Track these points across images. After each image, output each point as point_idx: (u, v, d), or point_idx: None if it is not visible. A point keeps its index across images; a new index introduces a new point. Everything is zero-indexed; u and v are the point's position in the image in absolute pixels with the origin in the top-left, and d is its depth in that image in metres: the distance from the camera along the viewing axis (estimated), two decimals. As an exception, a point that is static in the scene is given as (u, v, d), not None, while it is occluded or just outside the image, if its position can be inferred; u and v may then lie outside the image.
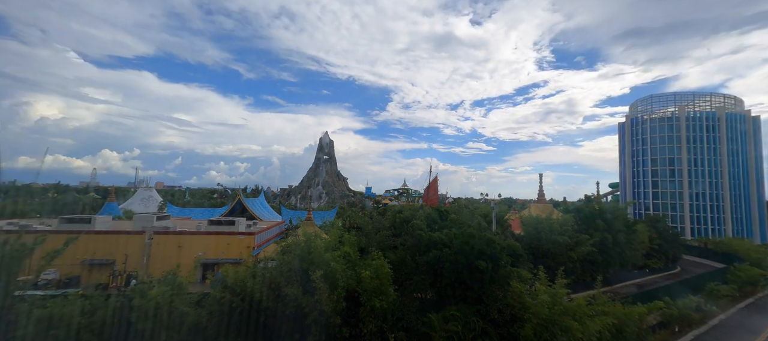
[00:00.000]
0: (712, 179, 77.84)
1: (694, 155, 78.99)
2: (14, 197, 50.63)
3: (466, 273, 17.53)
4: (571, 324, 15.04)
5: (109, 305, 13.63)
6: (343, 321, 15.37)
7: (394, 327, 16.02)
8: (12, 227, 27.49)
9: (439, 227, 24.18)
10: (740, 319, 26.19)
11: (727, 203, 76.56)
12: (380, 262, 16.88)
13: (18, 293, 12.62)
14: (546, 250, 30.72)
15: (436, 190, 60.39)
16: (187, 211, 65.20)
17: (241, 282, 15.60)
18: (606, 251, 31.95)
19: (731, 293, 29.96)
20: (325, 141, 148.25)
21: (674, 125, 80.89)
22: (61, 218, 33.11)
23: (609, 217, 34.86)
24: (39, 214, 50.54)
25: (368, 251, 20.21)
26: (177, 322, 13.67)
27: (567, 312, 15.74)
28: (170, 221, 39.55)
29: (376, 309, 15.49)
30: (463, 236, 18.49)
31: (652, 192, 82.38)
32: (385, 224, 28.67)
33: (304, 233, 19.02)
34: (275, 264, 17.32)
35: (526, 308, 16.91)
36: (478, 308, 17.12)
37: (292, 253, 17.41)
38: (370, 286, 15.96)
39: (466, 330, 15.98)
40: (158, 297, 13.52)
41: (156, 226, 34.18)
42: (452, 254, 18.06)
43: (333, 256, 16.68)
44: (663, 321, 22.96)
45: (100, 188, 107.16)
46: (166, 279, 14.79)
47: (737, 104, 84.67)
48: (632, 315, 18.08)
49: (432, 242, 19.34)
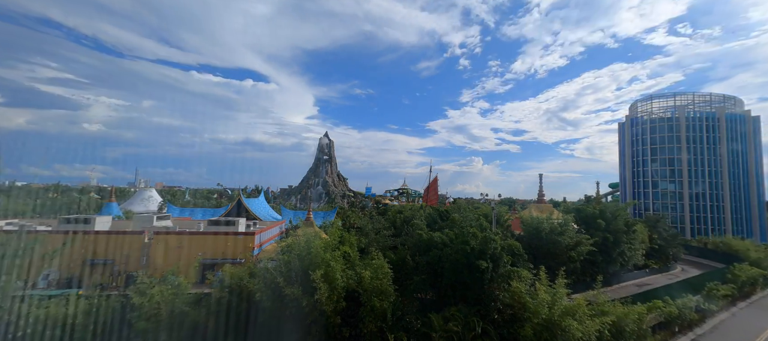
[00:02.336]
0: (712, 179, 77.84)
1: (694, 155, 79.01)
2: (14, 197, 50.61)
3: (466, 273, 17.53)
4: (570, 324, 15.05)
5: (109, 305, 13.63)
6: (343, 321, 15.37)
7: (394, 327, 16.02)
8: (12, 227, 27.51)
9: (439, 227, 24.19)
10: (740, 319, 26.18)
11: (727, 203, 76.57)
12: (380, 262, 16.89)
13: (18, 293, 12.62)
14: (546, 250, 30.71)
15: (436, 190, 60.41)
16: (187, 211, 65.15)
17: (242, 282, 15.60)
18: (606, 251, 31.95)
19: (731, 293, 29.96)
20: (325, 142, 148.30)
21: (674, 125, 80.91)
22: (61, 218, 33.07)
23: (609, 217, 34.88)
24: (39, 214, 50.54)
25: (368, 252, 20.21)
26: (177, 322, 13.67)
27: (567, 311, 15.75)
28: (170, 221, 39.54)
29: (376, 309, 15.49)
30: (463, 236, 18.49)
31: (652, 192, 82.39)
32: (385, 225, 28.69)
33: (304, 234, 19.04)
34: (275, 264, 17.32)
35: (525, 308, 16.92)
36: (478, 308, 17.13)
37: (292, 253, 17.42)
38: (370, 286, 15.97)
39: (466, 330, 15.99)
40: (158, 297, 13.53)
41: (156, 226, 34.16)
42: (452, 254, 18.06)
43: (333, 256, 16.68)
44: (663, 321, 22.94)
45: (99, 188, 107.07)
46: (167, 278, 14.79)
47: (737, 105, 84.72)
48: (632, 314, 18.10)
49: (432, 242, 19.34)
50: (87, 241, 30.00)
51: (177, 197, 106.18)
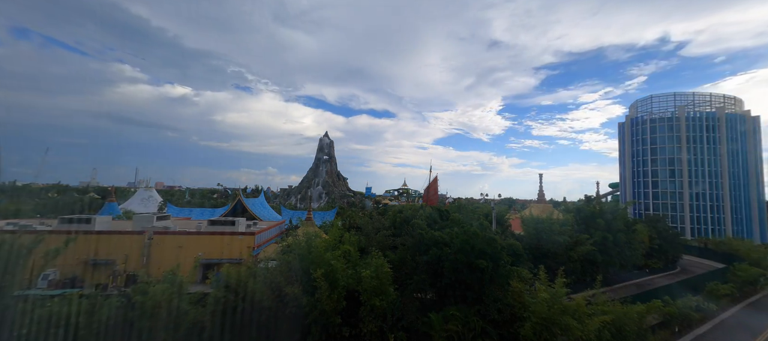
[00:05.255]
0: (712, 179, 77.84)
1: (694, 155, 79.00)
2: (14, 197, 50.67)
3: (466, 273, 17.53)
4: (570, 323, 15.06)
5: (109, 305, 13.64)
6: (343, 321, 15.37)
7: (394, 327, 16.04)
8: (12, 227, 27.51)
9: (439, 226, 24.18)
10: (740, 319, 26.19)
11: (727, 203, 76.57)
12: (380, 262, 16.88)
13: (18, 293, 12.63)
14: (546, 250, 30.72)
15: (436, 190, 60.34)
16: (186, 211, 65.26)
17: (242, 282, 15.61)
18: (606, 251, 31.96)
19: (731, 292, 29.96)
20: (325, 142, 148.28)
21: (674, 125, 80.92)
22: (61, 218, 33.09)
23: (609, 217, 34.90)
24: (39, 214, 50.60)
25: (368, 251, 20.21)
26: (177, 321, 13.68)
27: (566, 311, 15.76)
28: (170, 221, 39.54)
29: (376, 308, 15.50)
30: (464, 236, 18.49)
31: (652, 192, 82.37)
32: (385, 224, 28.68)
33: (304, 233, 19.05)
34: (275, 263, 17.33)
35: (525, 307, 16.93)
36: (478, 308, 17.13)
37: (293, 253, 17.43)
38: (370, 286, 15.97)
39: (466, 330, 16.00)
40: (158, 296, 13.54)
41: (156, 226, 34.16)
42: (453, 253, 18.06)
43: (333, 255, 16.69)
44: (663, 321, 22.95)
45: (100, 188, 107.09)
46: (167, 278, 14.81)
47: (737, 104, 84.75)
48: (632, 314, 18.10)
49: (432, 241, 19.33)
50: (87, 241, 30.04)
51: (177, 197, 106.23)
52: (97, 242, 30.84)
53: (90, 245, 30.25)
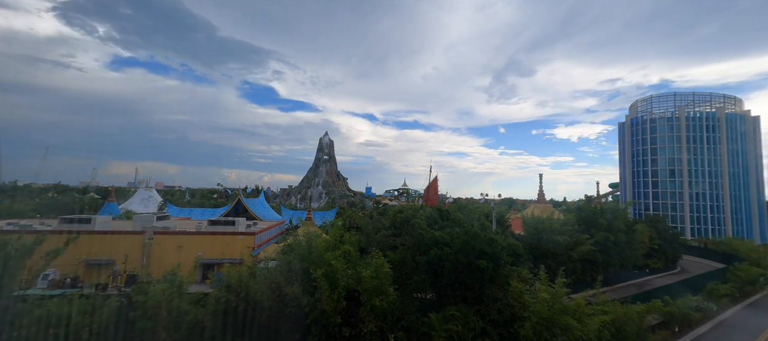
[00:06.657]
0: (712, 179, 77.86)
1: (694, 155, 79.02)
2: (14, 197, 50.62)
3: (466, 273, 17.53)
4: (570, 323, 15.06)
5: (109, 305, 13.63)
6: (343, 321, 15.36)
7: (394, 327, 16.02)
8: (12, 227, 27.51)
9: (439, 226, 24.16)
10: (740, 319, 26.18)
11: (727, 203, 76.58)
12: (380, 262, 16.87)
13: (18, 293, 12.62)
14: (546, 250, 30.72)
15: (436, 190, 60.31)
16: (186, 211, 65.29)
17: (242, 282, 15.59)
18: (606, 251, 31.96)
19: (731, 292, 29.96)
20: (325, 141, 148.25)
21: (674, 125, 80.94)
22: (61, 218, 33.11)
23: (609, 217, 34.88)
24: (39, 214, 50.60)
25: (368, 251, 20.19)
26: (177, 321, 13.67)
27: (566, 311, 15.75)
28: (170, 221, 39.56)
29: (376, 308, 15.48)
30: (465, 236, 18.47)
31: (652, 192, 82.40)
32: (385, 224, 28.63)
33: (304, 233, 19.04)
34: (276, 263, 17.32)
35: (525, 307, 16.91)
36: (478, 308, 17.12)
37: (293, 253, 17.41)
38: (370, 286, 15.95)
39: (466, 330, 15.99)
40: (158, 296, 13.53)
41: (156, 226, 34.18)
42: (453, 253, 18.04)
43: (333, 256, 16.67)
44: (663, 321, 22.95)
45: (99, 188, 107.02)
46: (167, 278, 14.80)
47: (737, 105, 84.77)
48: (632, 314, 18.10)
49: (433, 241, 19.32)
50: (87, 241, 30.04)
51: (177, 197, 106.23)
52: (97, 242, 30.87)
53: (90, 245, 30.25)
